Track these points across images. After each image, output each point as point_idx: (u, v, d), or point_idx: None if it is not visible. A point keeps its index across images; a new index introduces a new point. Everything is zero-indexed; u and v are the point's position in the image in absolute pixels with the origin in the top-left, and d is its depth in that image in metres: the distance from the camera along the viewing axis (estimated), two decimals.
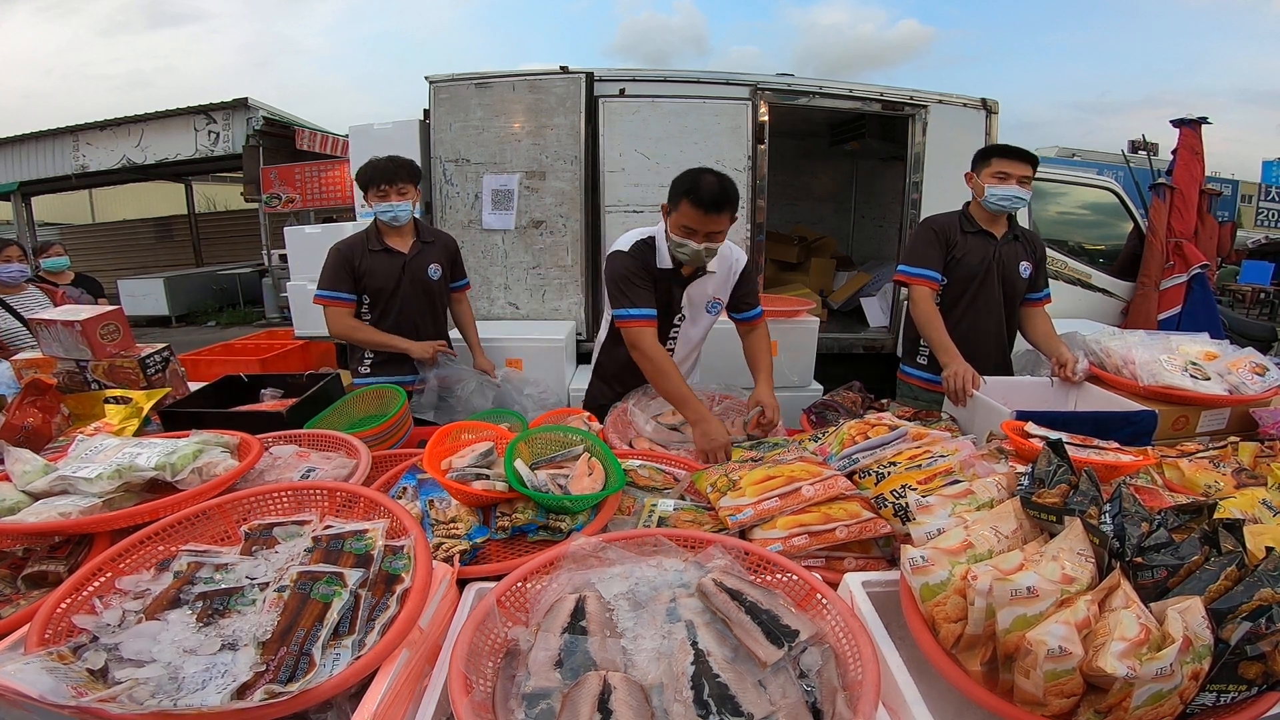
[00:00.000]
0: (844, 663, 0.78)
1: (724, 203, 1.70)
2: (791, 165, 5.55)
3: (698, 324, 2.04)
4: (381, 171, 2.23)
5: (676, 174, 1.77)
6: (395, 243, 2.32)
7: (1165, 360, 1.74)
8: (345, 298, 2.26)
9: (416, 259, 2.33)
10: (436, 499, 1.15)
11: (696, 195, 1.68)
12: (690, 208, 1.69)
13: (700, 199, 1.67)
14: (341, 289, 2.25)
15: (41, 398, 1.48)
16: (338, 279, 2.25)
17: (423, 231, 2.40)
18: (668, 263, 1.86)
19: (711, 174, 1.73)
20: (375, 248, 2.29)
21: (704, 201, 1.67)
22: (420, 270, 2.34)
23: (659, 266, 1.87)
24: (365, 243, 2.29)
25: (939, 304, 2.17)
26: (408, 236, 2.35)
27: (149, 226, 14.22)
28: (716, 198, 1.68)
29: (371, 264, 2.27)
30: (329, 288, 2.26)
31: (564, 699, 0.69)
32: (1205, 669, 0.68)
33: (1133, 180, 5.19)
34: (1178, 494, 1.25)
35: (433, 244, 2.40)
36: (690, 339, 2.06)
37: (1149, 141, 5.89)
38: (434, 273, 2.38)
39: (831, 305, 4.95)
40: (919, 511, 0.97)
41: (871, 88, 3.89)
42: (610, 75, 3.65)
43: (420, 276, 2.35)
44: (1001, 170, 2.10)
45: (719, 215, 1.70)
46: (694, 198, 1.68)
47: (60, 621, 0.78)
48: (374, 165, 2.26)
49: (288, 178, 7.66)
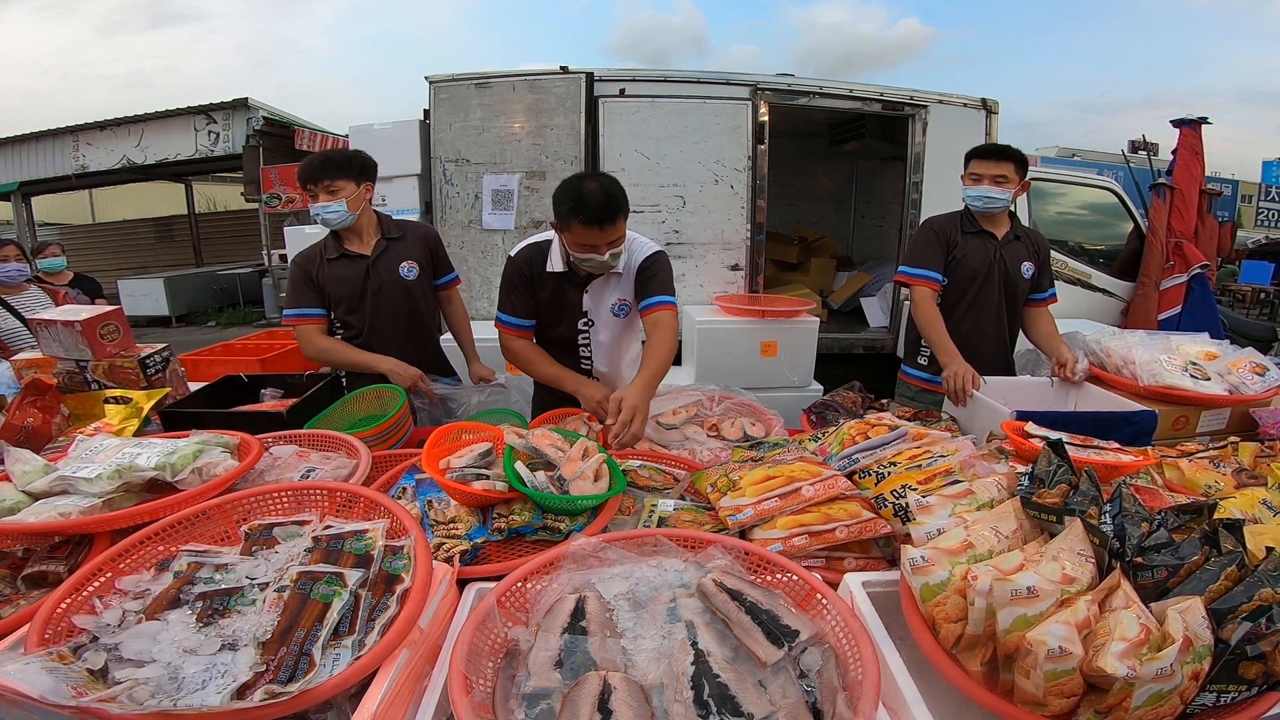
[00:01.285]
0: (844, 663, 0.78)
1: (615, 211, 1.62)
2: (791, 165, 5.55)
3: (608, 329, 1.93)
4: (307, 169, 1.98)
5: (677, 174, 1.76)
6: (354, 245, 2.04)
7: (1165, 360, 1.74)
8: (313, 314, 2.03)
9: (382, 259, 2.05)
10: (435, 499, 1.15)
11: (585, 213, 1.60)
12: (582, 227, 1.62)
13: (590, 216, 1.60)
14: (307, 304, 2.02)
15: (41, 398, 1.48)
16: (301, 294, 2.02)
17: (388, 227, 2.10)
18: (559, 265, 1.81)
19: (592, 181, 1.64)
20: (332, 255, 2.03)
21: (594, 218, 1.60)
22: (389, 271, 2.06)
23: (549, 270, 1.82)
24: (322, 251, 2.04)
25: (940, 304, 2.17)
26: (369, 236, 2.07)
27: (149, 226, 14.22)
28: (605, 210, 1.61)
29: (330, 273, 2.02)
30: (294, 305, 2.03)
31: (564, 699, 0.69)
32: (1205, 669, 0.68)
33: (1133, 180, 5.19)
34: (1178, 494, 1.25)
35: (401, 239, 2.10)
36: (602, 344, 1.95)
37: (1149, 141, 5.90)
38: (408, 271, 2.08)
39: (831, 305, 4.95)
40: (919, 511, 0.97)
41: (871, 88, 3.89)
42: (610, 75, 3.65)
43: (390, 278, 2.06)
44: (975, 171, 2.11)
45: (613, 225, 1.63)
46: (584, 216, 1.60)
47: (60, 621, 0.78)
48: (303, 165, 2.01)
49: (288, 178, 7.65)
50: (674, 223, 3.69)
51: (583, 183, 1.64)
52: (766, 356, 3.23)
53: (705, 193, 3.68)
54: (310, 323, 2.04)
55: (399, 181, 3.83)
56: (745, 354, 3.22)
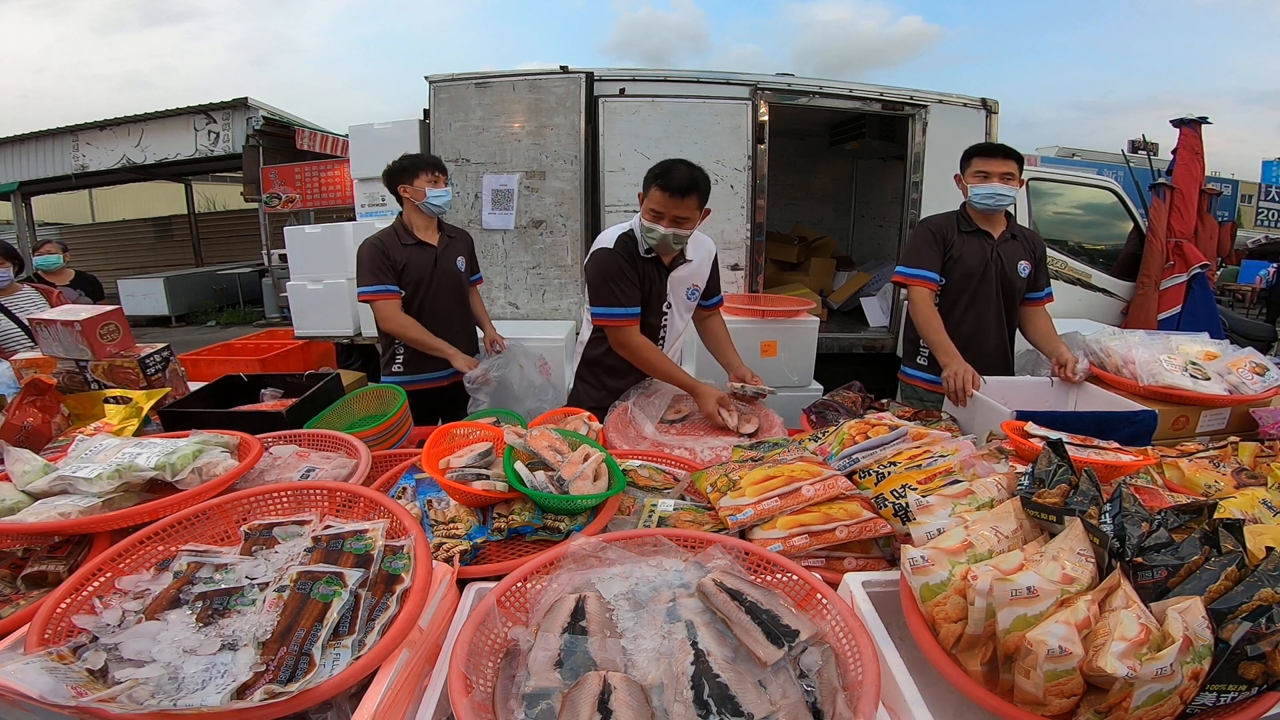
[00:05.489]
0: (844, 663, 0.78)
1: (691, 188, 1.76)
2: (791, 165, 5.55)
3: (680, 314, 2.08)
4: (428, 160, 2.33)
5: None
6: (426, 236, 2.37)
7: (1165, 360, 1.74)
8: (392, 290, 2.29)
9: (446, 251, 2.40)
10: (435, 499, 1.15)
11: (665, 180, 1.75)
12: (658, 192, 1.76)
13: (668, 183, 1.75)
14: (387, 281, 2.28)
15: (41, 398, 1.47)
16: (381, 272, 2.27)
17: (445, 226, 2.47)
18: (645, 250, 1.92)
19: (685, 164, 1.80)
20: (408, 241, 2.33)
21: (671, 186, 1.74)
22: (450, 262, 2.41)
23: (642, 255, 1.92)
24: (398, 237, 2.33)
25: (939, 304, 2.17)
26: (434, 230, 2.41)
27: (149, 226, 14.22)
28: (684, 183, 1.75)
29: (407, 257, 2.31)
30: (375, 282, 2.27)
31: (564, 699, 0.69)
32: (1205, 669, 0.68)
33: (1133, 180, 5.19)
34: (1178, 494, 1.25)
35: (456, 239, 2.49)
36: (676, 328, 2.09)
37: (1149, 141, 5.90)
38: (460, 265, 2.46)
39: (831, 305, 4.95)
40: (919, 511, 0.97)
41: (871, 88, 3.89)
42: (610, 75, 3.65)
43: (450, 269, 2.41)
44: (981, 169, 2.11)
45: (685, 200, 1.76)
46: (662, 182, 1.75)
47: (60, 621, 0.78)
48: (415, 156, 2.34)
49: (288, 178, 7.65)
50: None
51: (677, 162, 1.81)
52: (766, 356, 3.23)
53: None
54: (390, 298, 2.29)
55: None
56: (745, 354, 3.18)
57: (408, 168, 2.33)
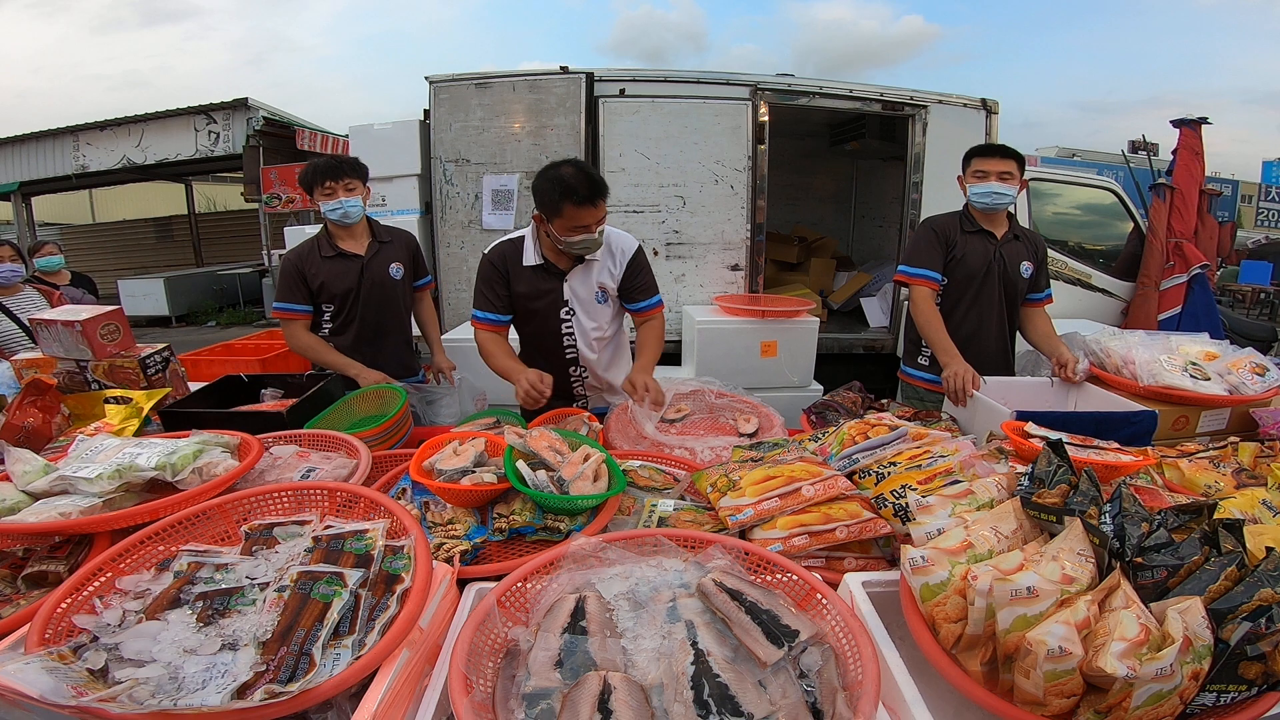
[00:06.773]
0: (844, 663, 0.78)
1: (601, 189, 1.74)
2: (791, 165, 5.55)
3: (590, 316, 1.99)
4: (324, 169, 2.14)
5: (677, 174, 1.79)
6: (349, 245, 2.20)
7: (1165, 360, 1.74)
8: (300, 309, 2.18)
9: (375, 260, 2.23)
10: (431, 501, 1.15)
11: (575, 195, 1.70)
12: (575, 208, 1.72)
13: (581, 197, 1.71)
14: (295, 300, 2.17)
15: (41, 398, 1.48)
16: (291, 290, 2.16)
17: (378, 231, 2.28)
18: (534, 259, 1.90)
19: (569, 167, 1.74)
20: (328, 253, 2.18)
21: (585, 198, 1.71)
22: (380, 272, 2.24)
23: (526, 264, 1.90)
24: (316, 249, 2.18)
25: (940, 304, 2.17)
26: (362, 237, 2.24)
27: (149, 226, 14.22)
28: (592, 189, 1.72)
29: (325, 271, 2.16)
30: (283, 299, 2.18)
31: (564, 699, 0.69)
32: (1205, 669, 0.68)
33: (1133, 180, 5.19)
34: (1178, 494, 1.25)
35: (391, 243, 2.29)
36: (586, 331, 1.99)
37: (1149, 142, 5.90)
38: (396, 272, 2.28)
39: (831, 305, 4.95)
40: (919, 511, 0.97)
41: (871, 88, 3.89)
42: (610, 75, 3.65)
43: (381, 279, 2.24)
44: (980, 169, 2.12)
45: (600, 201, 1.75)
46: (575, 198, 1.71)
47: (60, 621, 0.78)
48: (314, 164, 2.17)
49: (288, 178, 7.66)
50: (674, 223, 3.70)
51: (560, 170, 1.74)
52: (766, 356, 3.23)
53: (705, 193, 3.68)
54: (296, 318, 2.20)
55: (399, 181, 3.84)
56: (745, 354, 3.22)
57: (304, 179, 2.18)
